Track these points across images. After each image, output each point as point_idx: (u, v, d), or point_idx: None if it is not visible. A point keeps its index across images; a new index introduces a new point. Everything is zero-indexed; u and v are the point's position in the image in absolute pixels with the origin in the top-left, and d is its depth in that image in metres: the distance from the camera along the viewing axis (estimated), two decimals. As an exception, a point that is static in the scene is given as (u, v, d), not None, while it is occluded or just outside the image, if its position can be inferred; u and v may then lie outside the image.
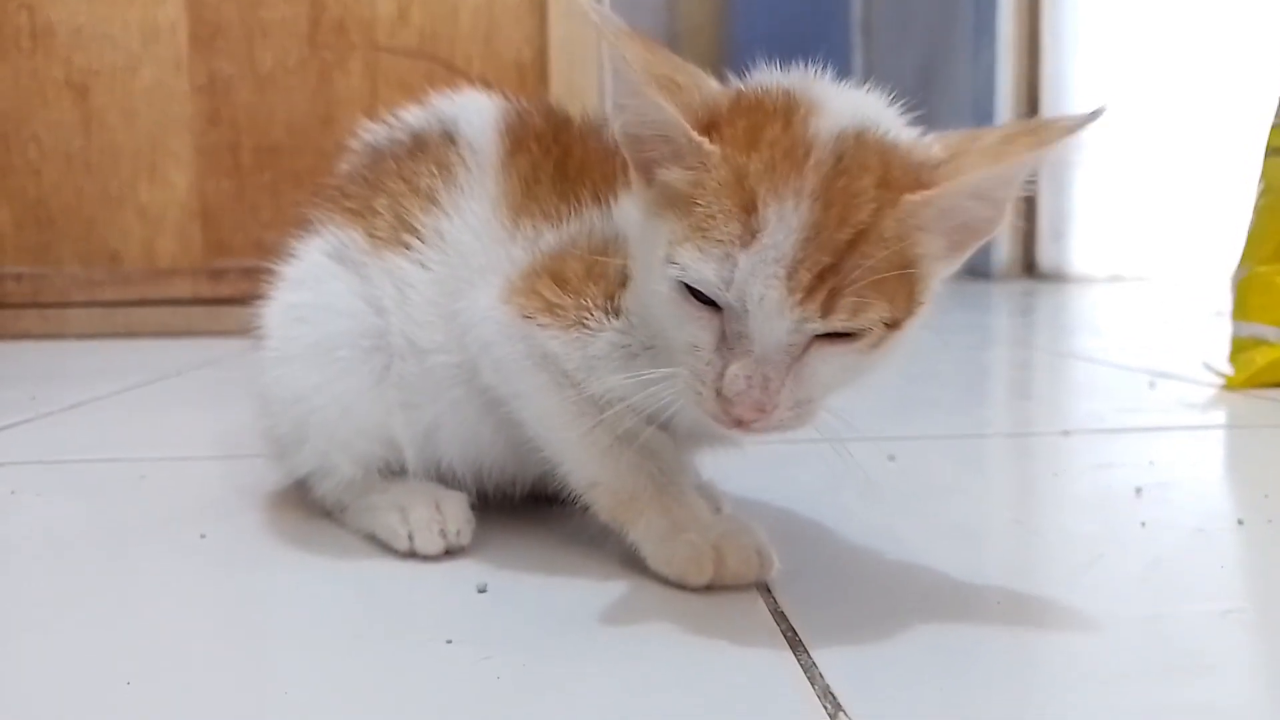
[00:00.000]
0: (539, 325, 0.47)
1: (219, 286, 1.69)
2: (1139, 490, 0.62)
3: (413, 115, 0.58)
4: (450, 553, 0.52)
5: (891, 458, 0.72)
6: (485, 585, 0.47)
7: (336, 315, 0.53)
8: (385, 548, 0.53)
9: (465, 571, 0.50)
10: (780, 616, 0.43)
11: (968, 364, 1.26)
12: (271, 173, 1.70)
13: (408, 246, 0.53)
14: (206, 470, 0.74)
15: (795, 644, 0.40)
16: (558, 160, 0.52)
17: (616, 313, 0.46)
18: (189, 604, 0.48)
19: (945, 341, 1.36)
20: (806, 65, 0.47)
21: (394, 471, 0.56)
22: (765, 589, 0.46)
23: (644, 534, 0.48)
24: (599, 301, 0.46)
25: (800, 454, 0.73)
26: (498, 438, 0.52)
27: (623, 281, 0.46)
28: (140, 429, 0.92)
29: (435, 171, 0.54)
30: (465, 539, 0.52)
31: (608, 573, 0.49)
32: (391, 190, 0.54)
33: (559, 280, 0.47)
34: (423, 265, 0.52)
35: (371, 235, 0.54)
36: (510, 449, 0.53)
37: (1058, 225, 2.57)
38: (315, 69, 1.69)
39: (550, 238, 0.49)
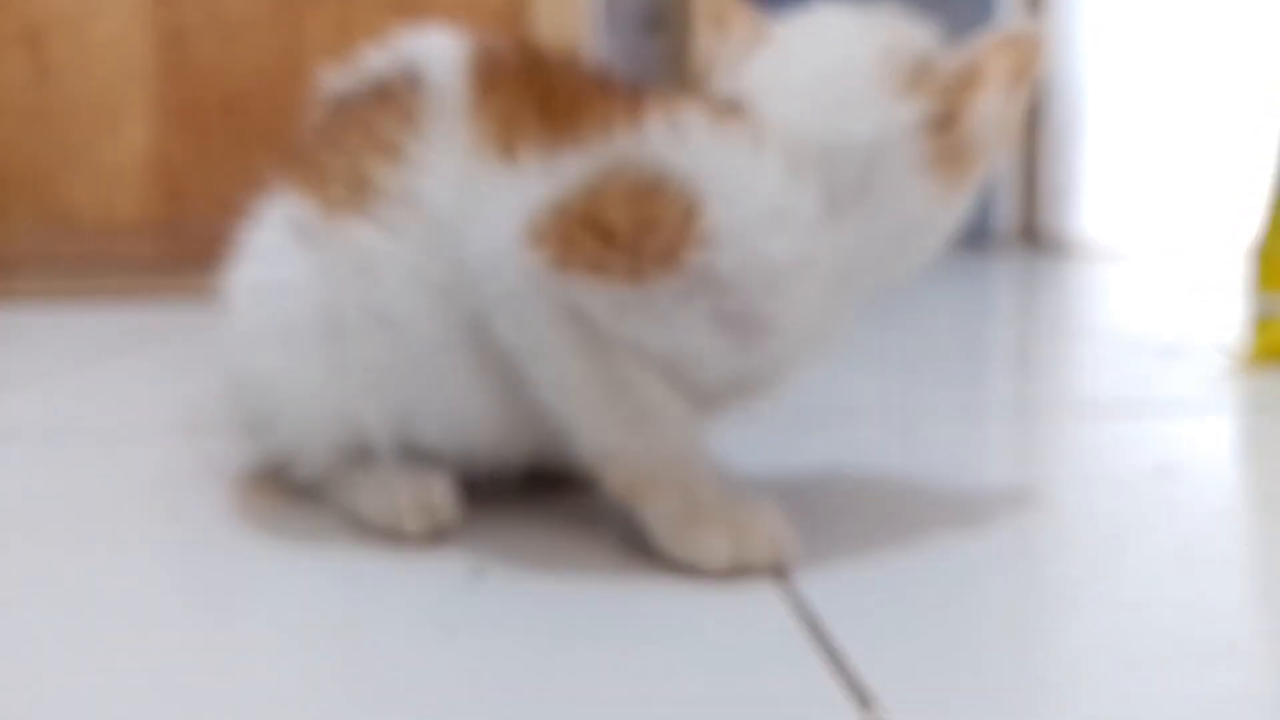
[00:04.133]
0: (579, 280, 0.42)
1: (182, 246, 1.63)
2: (1159, 469, 0.59)
3: (375, 59, 0.52)
4: (438, 534, 0.48)
5: (913, 433, 0.69)
6: (482, 569, 0.44)
7: (295, 295, 0.48)
8: (370, 528, 0.50)
9: (457, 556, 0.46)
10: (800, 603, 0.40)
11: (970, 338, 1.24)
12: (238, 128, 1.64)
13: (371, 213, 0.47)
14: (174, 443, 0.69)
15: (817, 632, 0.37)
16: (542, 96, 0.46)
17: (677, 266, 0.41)
18: (160, 588, 0.44)
19: (951, 312, 1.33)
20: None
21: (371, 453, 0.51)
22: (782, 573, 0.43)
23: (657, 514, 0.44)
24: (656, 255, 0.41)
25: (808, 427, 0.70)
26: (489, 412, 0.48)
27: (682, 232, 0.42)
28: (105, 399, 0.87)
29: (401, 123, 0.48)
30: (453, 519, 0.49)
31: (611, 556, 0.46)
32: (350, 148, 0.48)
33: (604, 231, 0.42)
34: (393, 230, 0.47)
35: (327, 202, 0.48)
36: (503, 425, 0.48)
37: (1060, 196, 2.55)
38: (286, 19, 1.63)
39: (567, 172, 0.44)
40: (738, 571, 0.43)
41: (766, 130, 0.44)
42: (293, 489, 0.55)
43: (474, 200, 0.46)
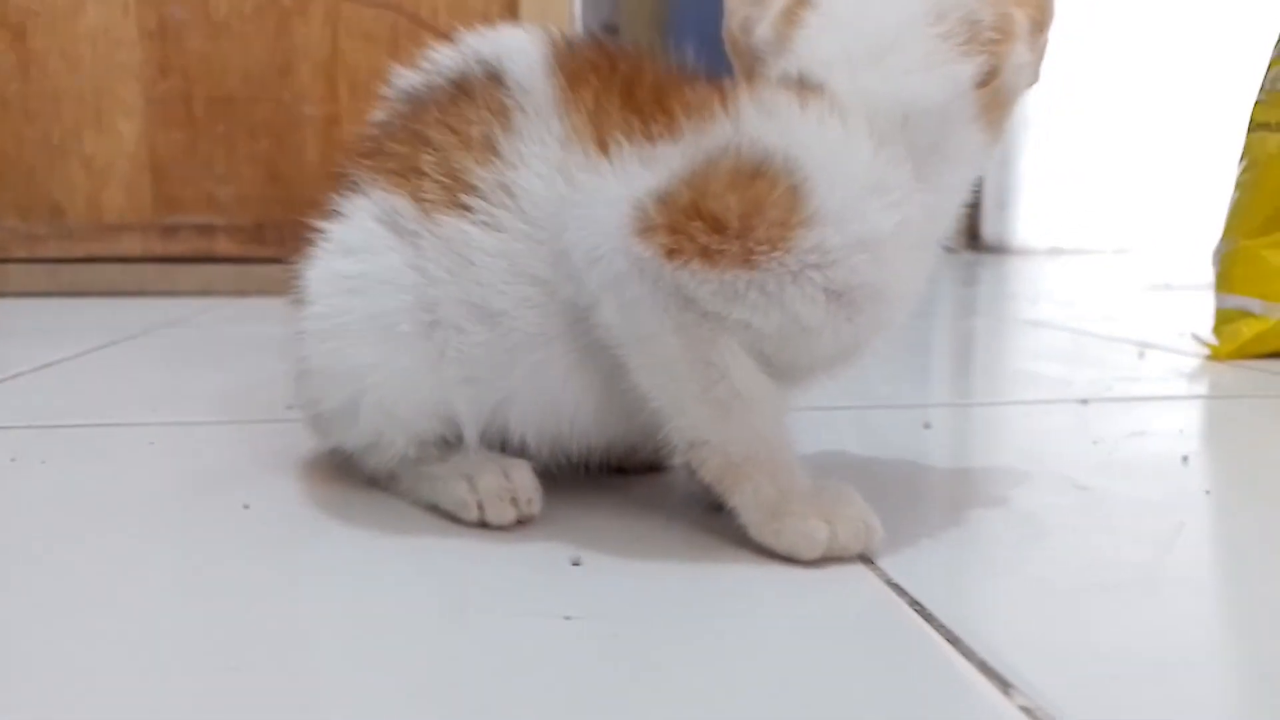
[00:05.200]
0: (690, 268, 0.43)
1: (171, 244, 1.62)
2: (1186, 458, 0.63)
3: (447, 57, 0.54)
4: (521, 522, 0.50)
5: (927, 425, 0.71)
6: (579, 559, 0.45)
7: (393, 289, 0.49)
8: (448, 518, 0.51)
9: (548, 544, 0.48)
10: (898, 589, 0.42)
11: (950, 334, 1.27)
12: (226, 125, 1.63)
13: (467, 208, 0.48)
14: (216, 435, 0.70)
15: (929, 618, 0.39)
16: (626, 87, 0.48)
17: (787, 248, 0.43)
18: (250, 582, 0.44)
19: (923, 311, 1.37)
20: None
21: (449, 443, 0.53)
22: (869, 558, 0.45)
23: (748, 502, 0.46)
24: (766, 239, 0.43)
25: (832, 421, 0.72)
26: (582, 403, 0.49)
27: (791, 213, 0.43)
28: (121, 391, 0.87)
29: (488, 119, 0.49)
30: (536, 508, 0.50)
31: (700, 543, 0.48)
32: (438, 144, 0.50)
33: (712, 219, 0.43)
34: (488, 226, 0.48)
35: (420, 199, 0.49)
36: (594, 414, 0.50)
37: (1001, 197, 2.61)
38: (273, 17, 1.62)
39: (664, 160, 0.45)
40: (831, 558, 0.45)
41: (847, 103, 0.45)
42: (356, 478, 0.56)
43: (572, 192, 0.47)
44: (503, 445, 0.53)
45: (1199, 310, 1.28)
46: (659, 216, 0.43)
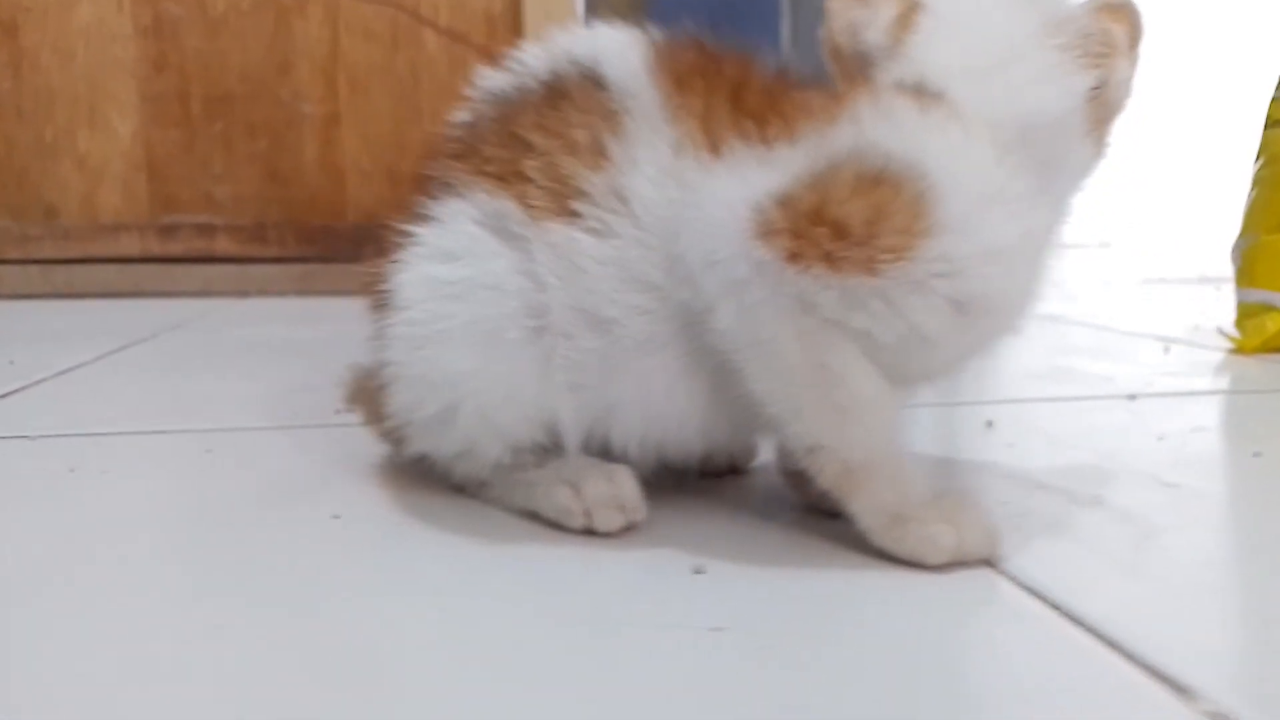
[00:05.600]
0: (812, 274, 0.42)
1: (170, 244, 1.59)
2: (1258, 454, 0.63)
3: (536, 58, 0.53)
4: (627, 530, 0.49)
5: (989, 423, 0.71)
6: (701, 567, 0.45)
7: (501, 295, 0.48)
8: (548, 525, 0.50)
9: (662, 551, 0.47)
10: (1033, 592, 0.42)
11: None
12: (224, 123, 1.60)
13: (576, 214, 0.47)
14: (272, 441, 0.68)
15: (1077, 622, 0.39)
16: (734, 89, 0.48)
17: (912, 256, 0.42)
18: (361, 596, 0.43)
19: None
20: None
21: (544, 450, 0.52)
22: (993, 562, 0.45)
23: (868, 507, 0.45)
24: (890, 247, 0.42)
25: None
26: (688, 409, 0.49)
27: (916, 221, 0.42)
28: (156, 397, 0.85)
29: (594, 123, 0.48)
30: (641, 514, 0.49)
31: (814, 547, 0.47)
32: (541, 149, 0.49)
33: (836, 225, 0.42)
34: (599, 232, 0.47)
35: (526, 204, 0.48)
36: (701, 420, 0.49)
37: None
38: (271, 13, 1.60)
39: (783, 163, 0.45)
40: (956, 564, 0.44)
41: (969, 112, 0.45)
42: (439, 485, 0.55)
43: (686, 196, 0.46)
44: (600, 451, 0.52)
45: (1203, 304, 1.30)
46: (781, 220, 0.43)
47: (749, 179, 0.45)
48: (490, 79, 0.55)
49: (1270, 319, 1.05)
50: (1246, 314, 1.07)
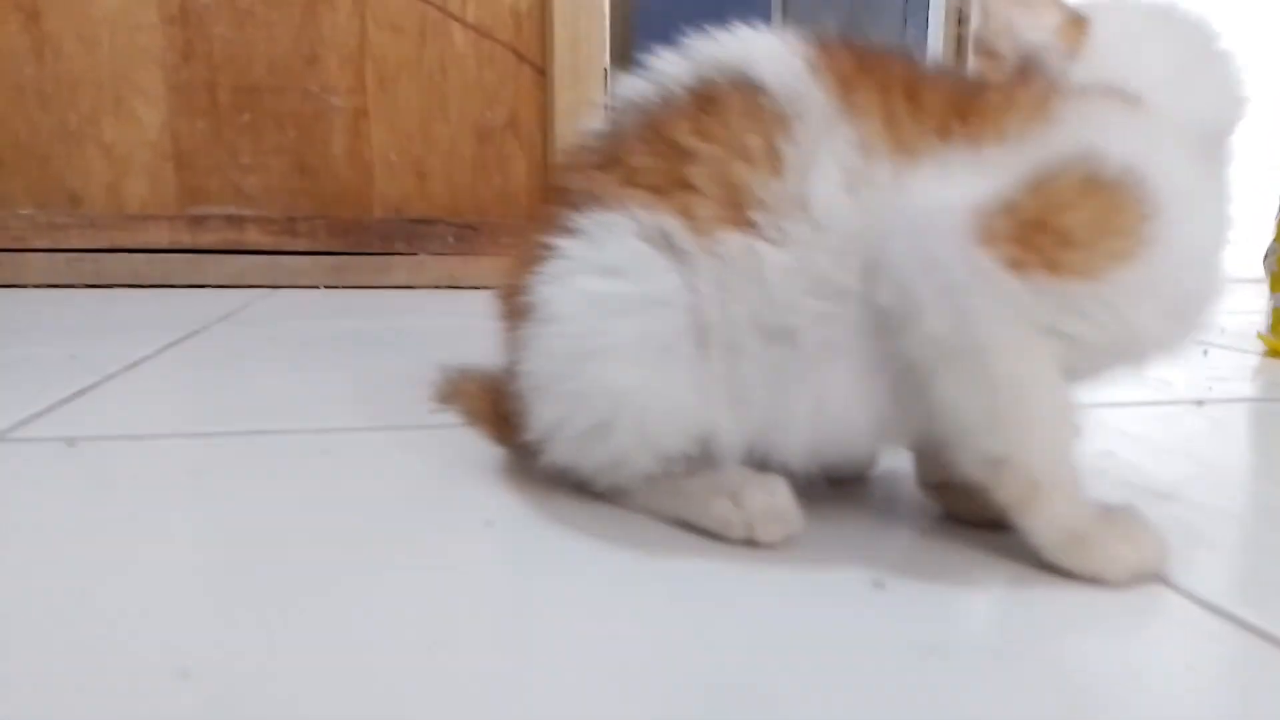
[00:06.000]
0: (1035, 282, 0.43)
1: (200, 235, 1.58)
2: None
3: (676, 65, 0.53)
4: (787, 542, 0.50)
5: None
6: (881, 581, 0.46)
7: (670, 310, 0.49)
8: (701, 534, 0.51)
9: (833, 563, 0.48)
10: (1209, 607, 0.44)
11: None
12: (251, 114, 1.59)
13: (752, 223, 0.48)
14: (387, 443, 0.69)
15: (1262, 636, 0.41)
16: (909, 92, 0.48)
17: (1136, 263, 0.43)
18: (538, 612, 0.44)
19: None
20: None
21: (694, 459, 0.52)
22: (1163, 576, 0.46)
23: (1048, 523, 0.46)
24: (1113, 256, 0.43)
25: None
26: (863, 418, 0.49)
27: (1139, 225, 0.44)
28: (237, 395, 0.85)
29: (763, 129, 0.48)
30: (799, 526, 0.51)
31: (985, 561, 0.49)
32: (705, 157, 0.49)
33: (1062, 233, 0.43)
34: (779, 241, 0.48)
35: (692, 216, 0.49)
36: (873, 429, 0.50)
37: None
38: (300, 4, 1.59)
39: (995, 166, 0.45)
40: (1136, 581, 0.46)
41: (1162, 118, 0.47)
42: (574, 490, 0.55)
43: (888, 199, 0.46)
44: (750, 462, 0.53)
45: (1228, 305, 1.32)
46: (1004, 227, 0.43)
47: (962, 182, 0.45)
48: (628, 87, 0.55)
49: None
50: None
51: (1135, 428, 0.77)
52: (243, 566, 0.47)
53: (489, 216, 1.67)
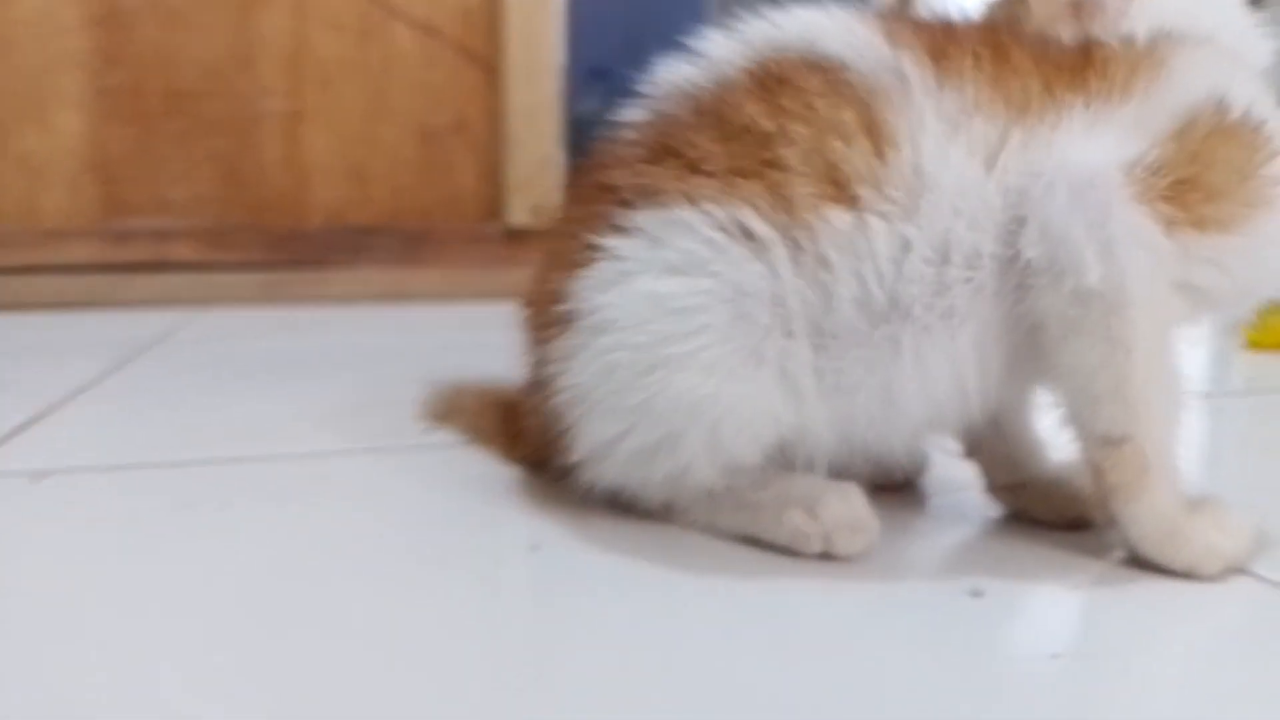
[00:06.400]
0: (1186, 239, 0.44)
1: (125, 250, 1.48)
2: None
3: (724, 48, 0.49)
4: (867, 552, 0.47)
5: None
6: (980, 589, 0.43)
7: (754, 304, 0.45)
8: (768, 550, 0.47)
9: (922, 573, 0.45)
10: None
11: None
12: (182, 120, 1.50)
13: (857, 199, 0.44)
14: (388, 466, 0.63)
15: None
16: (997, 57, 0.46)
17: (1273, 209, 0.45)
18: (608, 642, 0.40)
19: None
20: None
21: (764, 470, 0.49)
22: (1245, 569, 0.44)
23: (1151, 513, 0.44)
24: (1253, 204, 0.44)
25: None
26: (977, 388, 0.46)
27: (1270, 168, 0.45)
28: (205, 419, 0.78)
29: (859, 104, 0.45)
30: (877, 535, 0.47)
31: (1074, 562, 0.46)
32: (793, 136, 0.45)
33: (1212, 189, 0.44)
34: (892, 214, 0.44)
35: (783, 197, 0.45)
36: (984, 401, 0.47)
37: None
38: (233, 4, 1.50)
39: (1130, 122, 0.45)
40: (1228, 573, 0.44)
41: (1240, 59, 0.48)
42: (618, 509, 0.51)
43: (1024, 162, 0.45)
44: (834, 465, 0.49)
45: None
46: (1155, 184, 0.43)
47: (1109, 140, 0.45)
48: (670, 73, 0.51)
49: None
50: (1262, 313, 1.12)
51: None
52: (275, 607, 0.41)
53: (436, 223, 1.61)
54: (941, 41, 0.46)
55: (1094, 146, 0.44)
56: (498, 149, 1.61)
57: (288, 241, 1.55)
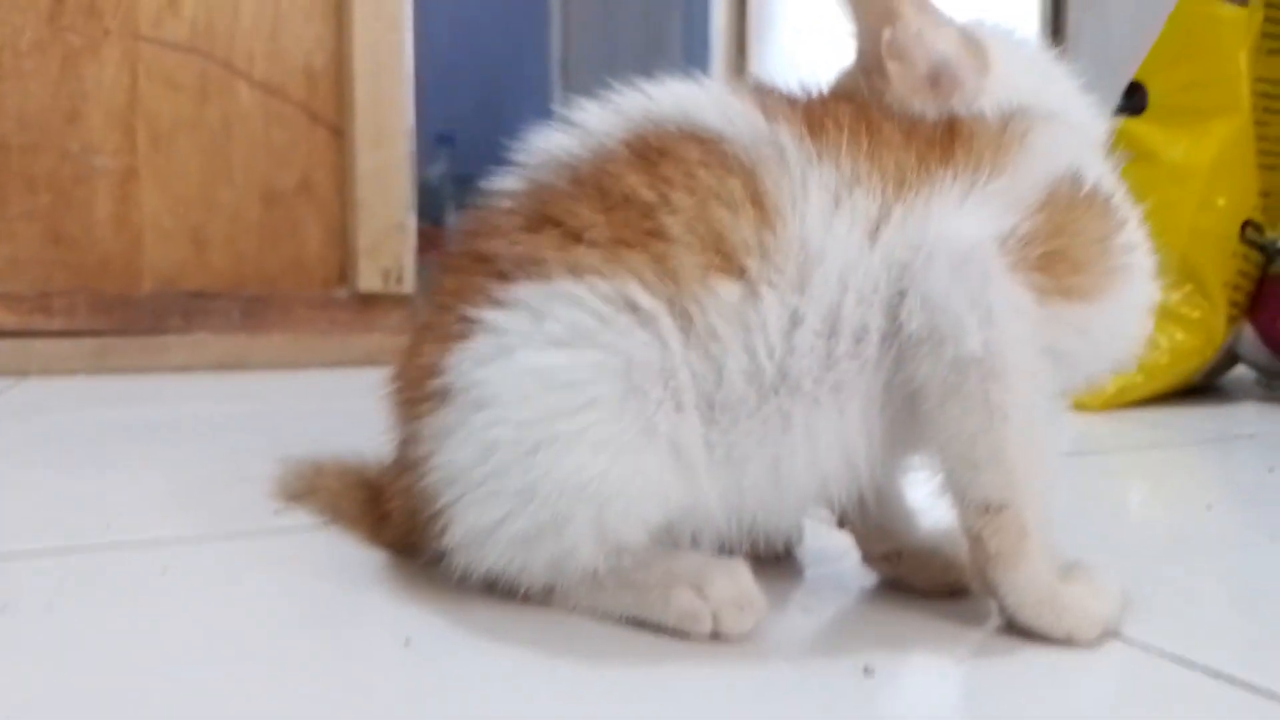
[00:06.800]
0: (1054, 309, 0.45)
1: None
2: (1209, 507, 0.69)
3: (599, 119, 0.49)
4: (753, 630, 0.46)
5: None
6: (870, 666, 0.42)
7: (644, 376, 0.44)
8: (652, 631, 0.46)
9: (810, 650, 0.44)
10: (1177, 660, 0.43)
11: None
12: (-2, 176, 1.39)
13: (744, 270, 0.44)
14: (236, 553, 0.59)
15: (1240, 684, 0.40)
16: (869, 127, 0.47)
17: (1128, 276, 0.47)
18: None
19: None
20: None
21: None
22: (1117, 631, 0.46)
23: (1025, 580, 0.44)
24: (1109, 272, 0.46)
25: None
26: (864, 458, 0.46)
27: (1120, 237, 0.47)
28: (24, 506, 0.70)
29: (741, 175, 0.45)
30: (765, 612, 0.46)
31: (957, 633, 0.46)
32: (678, 206, 0.45)
33: (1074, 261, 0.45)
34: (777, 286, 0.44)
35: (667, 268, 0.44)
36: (867, 472, 0.47)
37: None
38: (57, 55, 1.42)
39: (998, 197, 0.46)
40: (1104, 638, 0.44)
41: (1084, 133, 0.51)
42: (488, 593, 0.48)
43: (902, 235, 0.45)
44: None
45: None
46: (1026, 256, 0.44)
47: (978, 214, 0.45)
48: (543, 142, 0.50)
49: (1110, 381, 1.16)
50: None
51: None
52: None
53: (279, 288, 1.54)
54: (816, 115, 0.47)
55: (969, 219, 0.45)
56: (345, 212, 1.56)
57: (118, 307, 1.45)
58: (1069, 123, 0.50)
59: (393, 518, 0.54)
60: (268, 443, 0.84)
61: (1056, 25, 2.25)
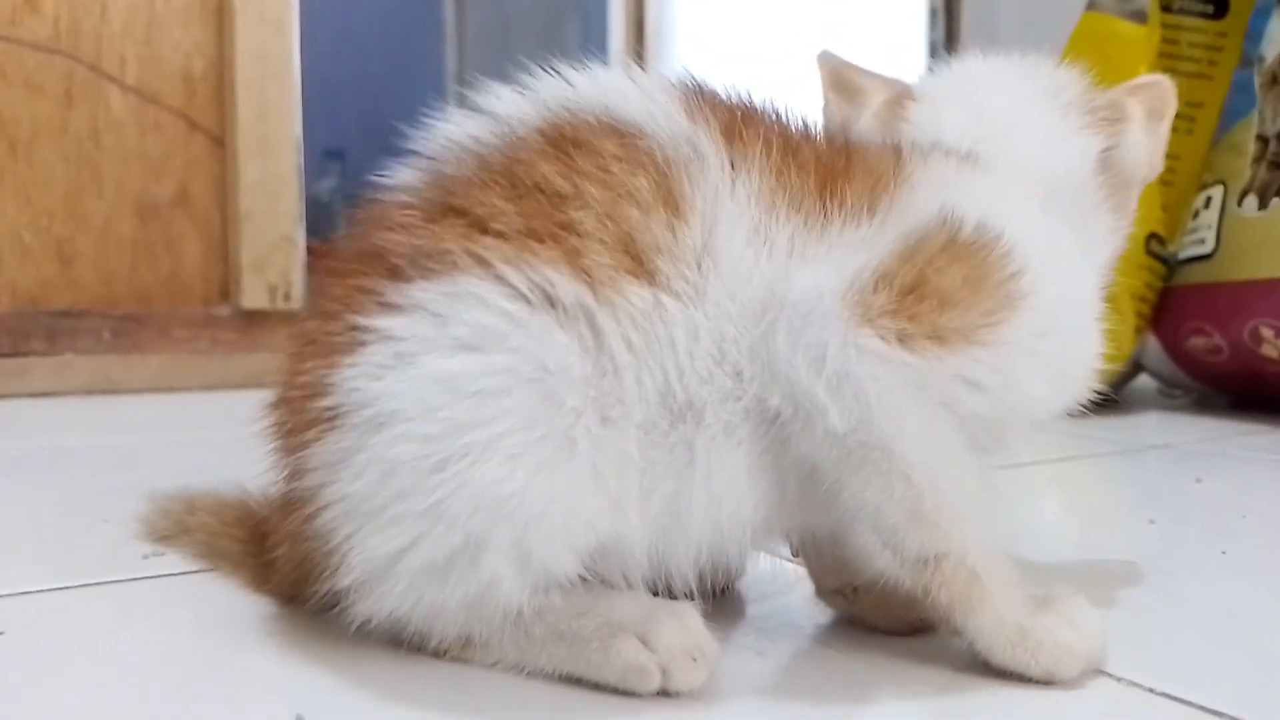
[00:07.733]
0: (925, 355, 0.39)
1: None
2: (1152, 521, 0.66)
3: (511, 104, 0.44)
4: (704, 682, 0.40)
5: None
6: (849, 716, 0.37)
7: (562, 382, 0.38)
8: (592, 689, 0.40)
9: (775, 706, 0.38)
10: (1165, 695, 0.39)
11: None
12: None
13: (654, 274, 0.39)
14: (99, 604, 0.50)
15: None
16: (785, 145, 0.42)
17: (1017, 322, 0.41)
18: None
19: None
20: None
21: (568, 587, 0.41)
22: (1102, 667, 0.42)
23: (993, 622, 0.40)
24: (993, 314, 0.40)
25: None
26: (758, 514, 0.41)
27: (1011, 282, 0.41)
28: None
29: (654, 172, 0.40)
30: (717, 661, 0.40)
31: (931, 675, 0.41)
32: (589, 198, 0.40)
33: (944, 297, 0.39)
34: (687, 296, 0.39)
35: (580, 264, 0.39)
36: (766, 527, 0.43)
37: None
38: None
39: (867, 236, 0.41)
40: (1087, 675, 0.40)
41: (1008, 173, 0.45)
42: (397, 647, 0.42)
43: (770, 274, 0.40)
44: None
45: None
46: (880, 301, 0.39)
47: (835, 261, 0.40)
48: (446, 129, 0.44)
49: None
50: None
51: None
52: None
53: (155, 306, 1.43)
54: (737, 122, 0.42)
55: (817, 268, 0.40)
56: (228, 225, 1.47)
57: (-31, 328, 1.32)
58: (996, 163, 0.46)
59: (279, 563, 0.47)
60: (138, 476, 0.75)
61: (949, 44, 2.28)
